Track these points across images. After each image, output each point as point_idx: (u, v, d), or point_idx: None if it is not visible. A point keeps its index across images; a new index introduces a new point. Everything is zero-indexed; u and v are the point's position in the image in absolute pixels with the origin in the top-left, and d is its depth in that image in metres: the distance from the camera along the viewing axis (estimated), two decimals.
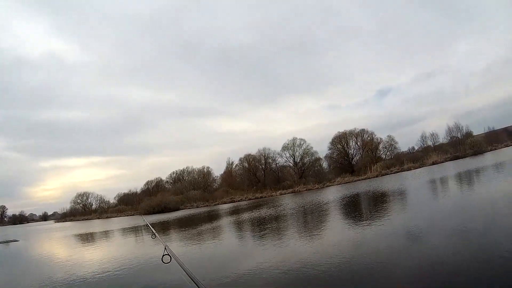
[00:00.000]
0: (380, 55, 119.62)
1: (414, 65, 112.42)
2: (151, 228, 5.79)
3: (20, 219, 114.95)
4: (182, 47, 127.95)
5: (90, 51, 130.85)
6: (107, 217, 67.65)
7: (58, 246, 23.57)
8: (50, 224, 75.94)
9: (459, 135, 62.99)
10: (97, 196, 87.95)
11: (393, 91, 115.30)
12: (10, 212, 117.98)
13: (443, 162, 52.25)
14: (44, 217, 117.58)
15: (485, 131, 66.03)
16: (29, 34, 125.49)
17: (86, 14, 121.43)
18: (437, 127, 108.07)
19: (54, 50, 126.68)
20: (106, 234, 27.78)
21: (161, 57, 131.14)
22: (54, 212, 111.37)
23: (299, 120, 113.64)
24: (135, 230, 27.13)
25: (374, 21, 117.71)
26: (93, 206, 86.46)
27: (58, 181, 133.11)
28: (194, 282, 2.08)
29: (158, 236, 4.74)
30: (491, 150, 56.10)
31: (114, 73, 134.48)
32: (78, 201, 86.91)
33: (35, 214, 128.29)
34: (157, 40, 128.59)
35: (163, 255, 2.96)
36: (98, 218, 69.62)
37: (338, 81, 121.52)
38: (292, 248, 10.39)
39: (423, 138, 68.82)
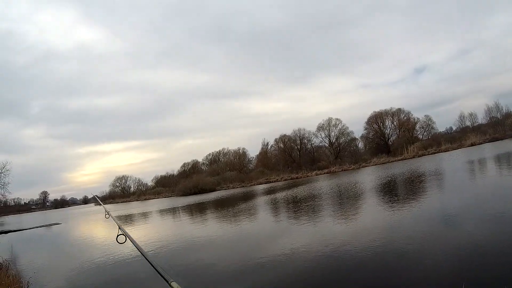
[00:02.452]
0: (414, 31, 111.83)
1: (450, 41, 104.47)
2: (106, 209, 5.66)
3: (61, 203, 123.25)
4: (212, 29, 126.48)
5: (120, 38, 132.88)
6: (145, 199, 69.65)
7: (96, 228, 24.03)
8: (90, 207, 79.38)
9: (498, 116, 59.39)
10: (135, 179, 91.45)
11: (428, 69, 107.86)
12: (52, 197, 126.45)
13: (481, 144, 49.19)
14: (85, 201, 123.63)
15: None
16: (58, 26, 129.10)
17: (114, 1, 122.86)
18: (476, 106, 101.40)
19: (84, 39, 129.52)
20: (144, 215, 28.33)
21: (191, 40, 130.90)
22: (94, 195, 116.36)
23: (332, 100, 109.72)
24: (172, 211, 27.88)
25: None
26: (132, 189, 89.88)
27: (96, 166, 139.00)
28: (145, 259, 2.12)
29: (111, 216, 4.78)
30: None
31: (145, 59, 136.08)
32: (117, 184, 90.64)
33: (76, 198, 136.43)
34: (187, 23, 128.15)
35: (118, 235, 3.13)
36: (137, 200, 71.88)
37: (371, 59, 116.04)
38: (326, 230, 10.19)
39: (461, 118, 65.98)
